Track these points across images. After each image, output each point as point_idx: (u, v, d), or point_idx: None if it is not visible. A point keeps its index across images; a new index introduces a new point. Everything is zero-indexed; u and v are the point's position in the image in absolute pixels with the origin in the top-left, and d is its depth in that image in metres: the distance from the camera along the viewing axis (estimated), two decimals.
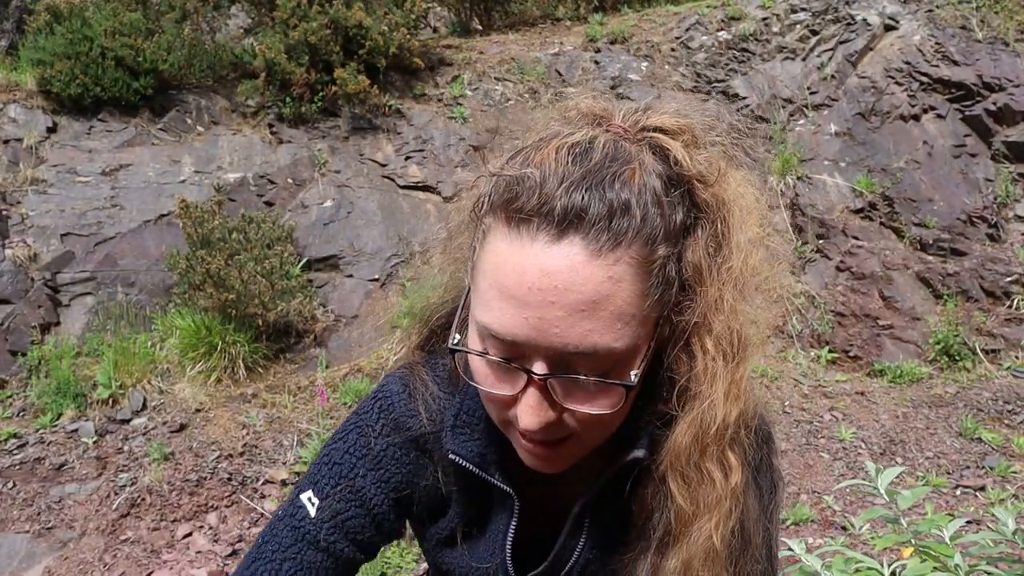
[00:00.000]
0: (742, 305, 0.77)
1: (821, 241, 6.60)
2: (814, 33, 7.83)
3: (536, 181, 0.72)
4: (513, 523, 0.91)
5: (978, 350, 5.80)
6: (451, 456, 0.88)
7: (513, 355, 0.73)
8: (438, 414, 0.92)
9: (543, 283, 0.69)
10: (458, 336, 0.80)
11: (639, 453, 0.84)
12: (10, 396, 5.20)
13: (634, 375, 0.73)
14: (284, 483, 4.64)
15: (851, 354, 5.96)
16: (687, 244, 0.76)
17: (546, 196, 0.71)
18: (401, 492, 0.94)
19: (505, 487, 0.89)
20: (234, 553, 4.21)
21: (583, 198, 0.70)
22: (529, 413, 0.73)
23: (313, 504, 0.91)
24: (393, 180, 6.84)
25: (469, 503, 0.94)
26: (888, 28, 7.76)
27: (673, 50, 7.87)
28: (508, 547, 0.92)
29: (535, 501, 0.93)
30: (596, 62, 7.76)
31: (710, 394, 0.76)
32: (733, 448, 0.80)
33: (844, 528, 4.13)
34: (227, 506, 4.51)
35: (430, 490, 0.95)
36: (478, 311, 0.75)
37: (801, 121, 7.29)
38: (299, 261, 5.99)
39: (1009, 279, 6.15)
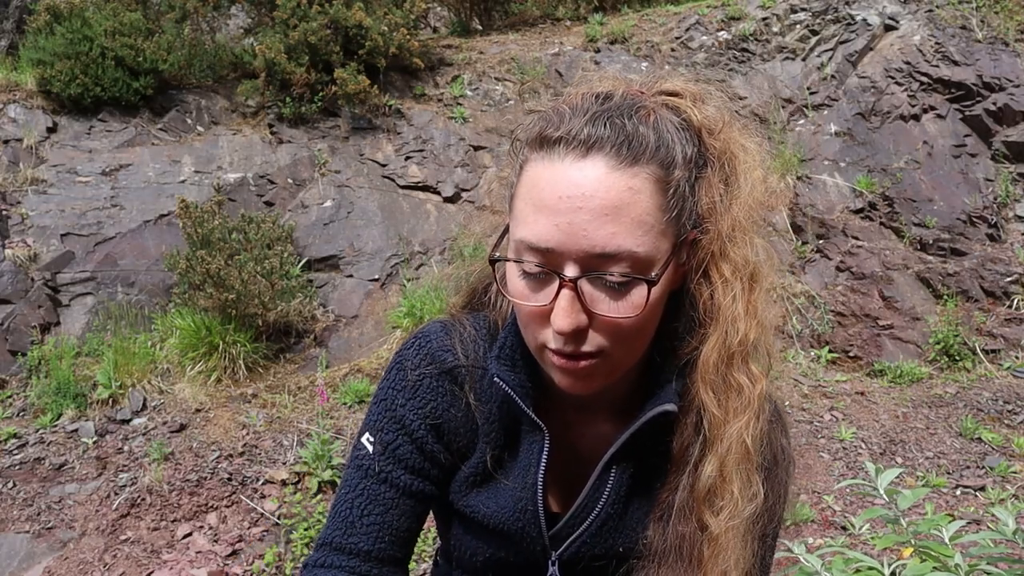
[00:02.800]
0: (751, 236, 0.89)
1: (821, 241, 6.60)
2: (814, 33, 7.83)
3: (565, 114, 0.86)
4: (544, 458, 0.96)
5: (978, 350, 5.80)
6: (495, 379, 0.94)
7: (547, 263, 0.82)
8: (473, 351, 1.00)
9: (572, 191, 0.80)
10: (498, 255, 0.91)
11: (669, 407, 0.90)
12: (10, 396, 5.20)
13: (655, 275, 0.82)
14: (284, 483, 4.64)
15: (851, 354, 5.96)
16: (700, 183, 0.87)
17: (573, 125, 0.84)
18: (437, 420, 1.00)
19: (538, 420, 0.95)
20: (234, 553, 4.21)
21: (605, 126, 0.84)
22: (562, 315, 0.81)
23: (370, 442, 1.01)
24: (393, 180, 6.84)
25: (500, 434, 1.00)
26: (888, 28, 7.76)
27: (673, 50, 7.87)
28: (540, 482, 0.96)
29: (564, 449, 0.99)
30: (596, 62, 7.75)
31: (732, 312, 0.87)
32: (755, 360, 0.90)
33: (844, 528, 4.13)
34: (227, 506, 4.51)
35: (462, 422, 1.01)
36: (516, 230, 0.86)
37: (801, 121, 7.29)
38: (299, 261, 5.99)
39: (1009, 279, 6.15)
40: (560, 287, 0.81)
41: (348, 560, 0.97)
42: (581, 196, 0.80)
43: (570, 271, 0.81)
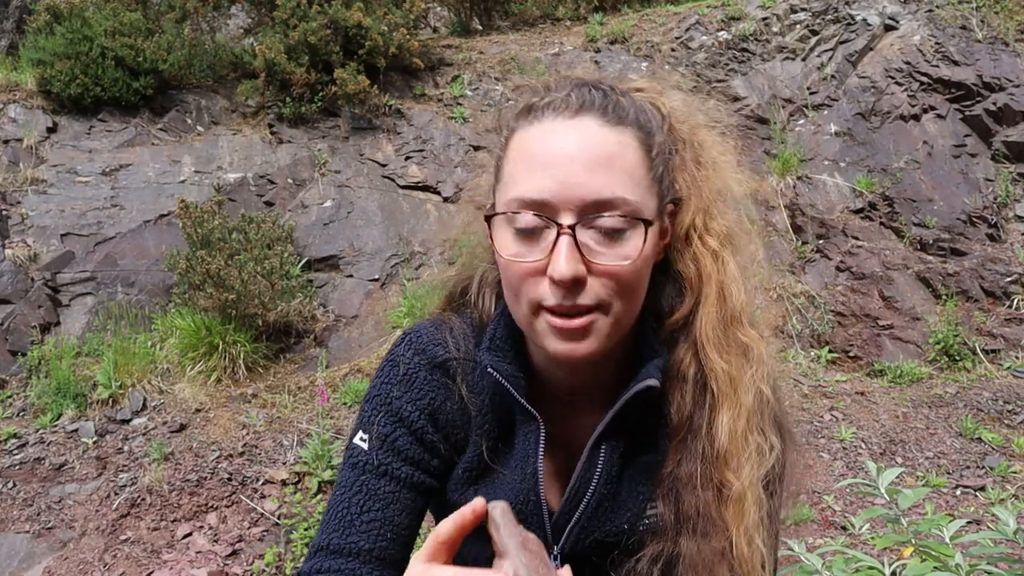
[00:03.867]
0: (724, 208, 0.96)
1: (821, 241, 6.60)
2: (814, 33, 7.83)
3: (550, 87, 0.93)
4: (541, 446, 0.95)
5: (978, 350, 5.80)
6: (488, 368, 0.95)
7: (543, 214, 0.84)
8: (464, 345, 1.02)
9: (566, 143, 0.85)
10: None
11: (652, 382, 0.91)
12: (10, 396, 5.20)
13: (649, 216, 0.86)
14: (284, 483, 4.64)
15: (851, 354, 5.96)
16: (673, 162, 0.94)
17: (560, 94, 0.90)
18: (434, 410, 1.00)
19: (532, 409, 0.95)
20: (234, 553, 4.21)
21: (590, 92, 0.90)
22: (561, 261, 0.82)
23: (364, 440, 1.00)
24: (393, 180, 6.84)
25: (494, 426, 1.00)
26: (888, 28, 7.76)
27: (673, 50, 7.87)
28: (539, 471, 0.95)
29: (557, 444, 0.99)
30: (596, 62, 7.75)
31: (723, 278, 0.93)
32: (753, 324, 0.95)
33: (844, 528, 4.13)
34: (227, 506, 4.51)
35: (457, 415, 1.01)
36: (508, 192, 0.88)
37: (801, 121, 7.29)
38: (299, 261, 5.99)
39: (1009, 279, 6.15)
40: (558, 236, 0.83)
41: (347, 563, 0.94)
42: (576, 146, 0.84)
43: (567, 219, 0.83)
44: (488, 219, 0.91)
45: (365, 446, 0.99)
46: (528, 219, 0.85)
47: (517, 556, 0.69)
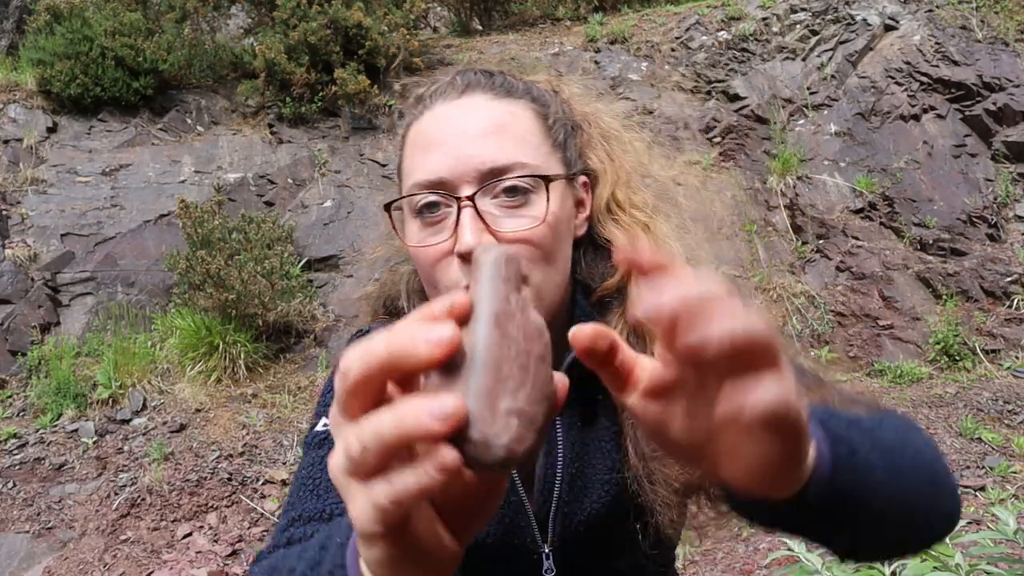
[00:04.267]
0: (637, 181, 0.99)
1: (821, 241, 6.60)
2: (814, 33, 7.83)
3: (435, 80, 0.94)
4: None
5: (978, 350, 5.80)
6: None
7: (442, 191, 0.84)
8: None
9: (454, 119, 0.86)
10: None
11: None
12: (10, 396, 5.20)
13: (550, 176, 0.86)
14: (284, 483, 4.64)
15: (851, 354, 5.96)
16: (578, 138, 0.96)
17: (445, 81, 0.92)
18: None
19: None
20: (234, 553, 4.21)
21: (475, 74, 0.92)
22: (466, 233, 0.81)
23: (326, 425, 0.95)
24: (393, 180, 6.84)
25: None
26: (888, 28, 7.76)
27: (673, 50, 7.87)
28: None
29: None
30: (596, 62, 7.75)
31: (654, 238, 0.95)
32: None
33: None
34: (227, 506, 4.51)
35: None
36: (407, 181, 0.88)
37: (801, 121, 7.28)
38: (299, 261, 5.99)
39: (1009, 279, 6.15)
40: (459, 210, 0.82)
41: (325, 526, 0.82)
42: (464, 120, 0.85)
43: (467, 191, 0.82)
44: (390, 213, 0.90)
45: (325, 429, 0.93)
46: (428, 200, 0.84)
47: (487, 331, 0.42)
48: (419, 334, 0.40)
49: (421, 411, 0.38)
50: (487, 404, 0.39)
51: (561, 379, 0.46)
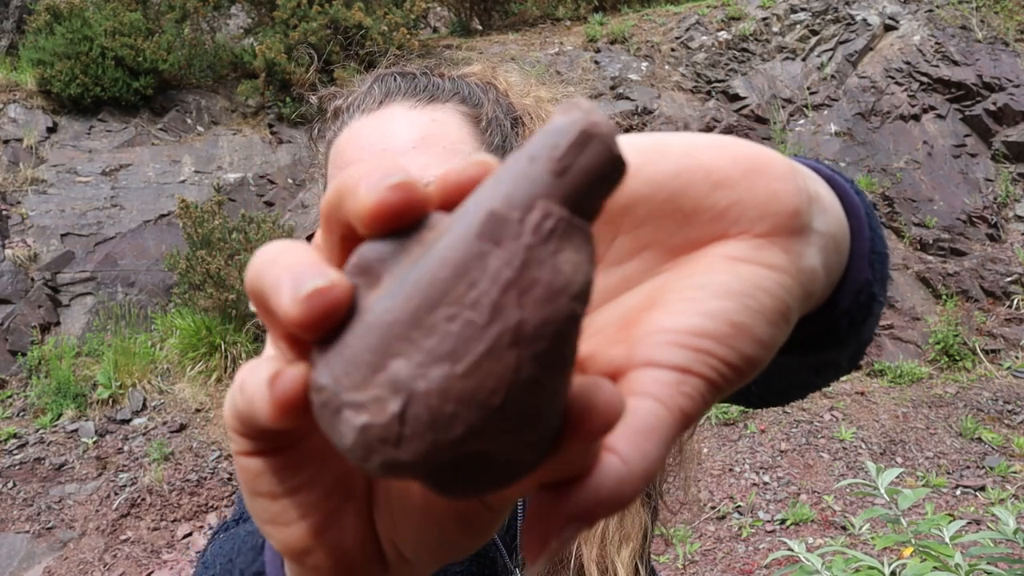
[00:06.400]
0: None
1: None
2: (814, 33, 7.83)
3: (352, 89, 0.86)
4: None
5: (978, 350, 5.80)
6: None
7: None
8: None
9: (373, 136, 0.78)
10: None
11: None
12: (10, 396, 5.20)
13: None
14: None
15: None
16: (523, 136, 0.86)
17: (361, 89, 0.84)
18: None
19: None
20: None
21: (395, 80, 0.83)
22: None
23: None
24: None
25: None
26: (888, 28, 7.77)
27: (673, 50, 7.87)
28: None
29: None
30: (596, 62, 7.75)
31: None
32: None
33: (844, 528, 4.13)
34: (227, 506, 4.51)
35: None
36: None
37: (801, 121, 7.29)
38: None
39: (1009, 279, 6.15)
40: None
41: None
42: (383, 137, 0.78)
43: None
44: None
45: None
46: None
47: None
48: (365, 177, 0.24)
49: (292, 265, 0.23)
50: (373, 347, 0.22)
51: (606, 402, 0.23)
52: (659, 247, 0.30)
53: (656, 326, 0.27)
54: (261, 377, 0.24)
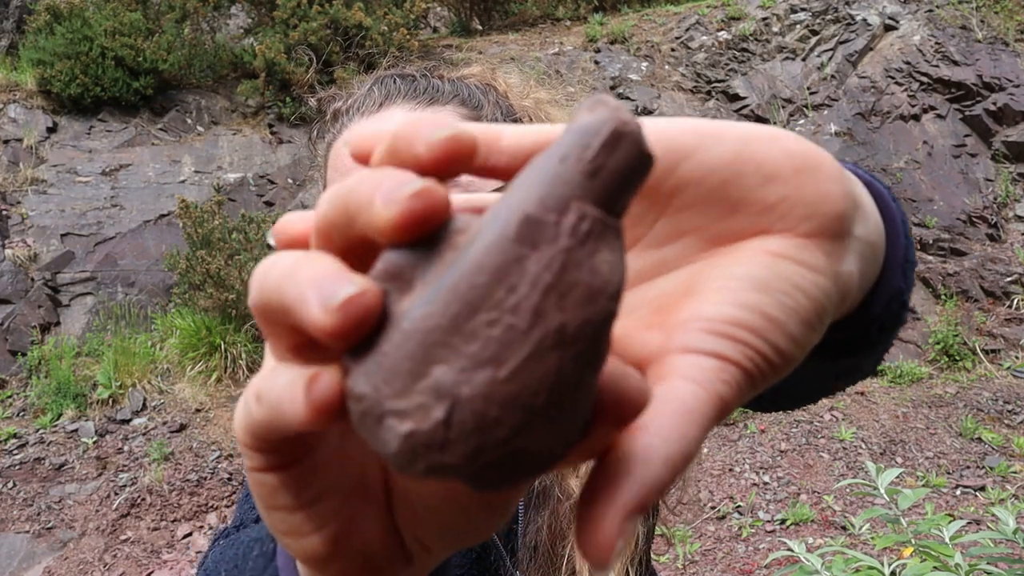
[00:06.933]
0: None
1: None
2: (814, 33, 7.83)
3: (351, 92, 0.85)
4: None
5: (978, 350, 5.80)
6: None
7: None
8: None
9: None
10: None
11: None
12: (10, 396, 5.20)
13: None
14: None
15: None
16: None
17: (361, 91, 0.84)
18: None
19: None
20: None
21: (395, 82, 0.83)
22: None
23: None
24: None
25: None
26: (888, 28, 7.77)
27: (673, 50, 7.87)
28: None
29: None
30: (596, 62, 7.75)
31: None
32: None
33: (844, 528, 4.13)
34: (227, 506, 4.51)
35: None
36: None
37: (801, 121, 7.29)
38: None
39: (1009, 279, 6.15)
40: None
41: None
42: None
43: None
44: None
45: None
46: None
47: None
48: (382, 185, 0.23)
49: (314, 275, 0.23)
50: (413, 354, 0.22)
51: (634, 391, 0.24)
52: (700, 234, 0.30)
53: (693, 313, 0.27)
54: (288, 382, 0.23)
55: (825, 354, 0.39)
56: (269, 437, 0.26)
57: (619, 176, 0.22)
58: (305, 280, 0.23)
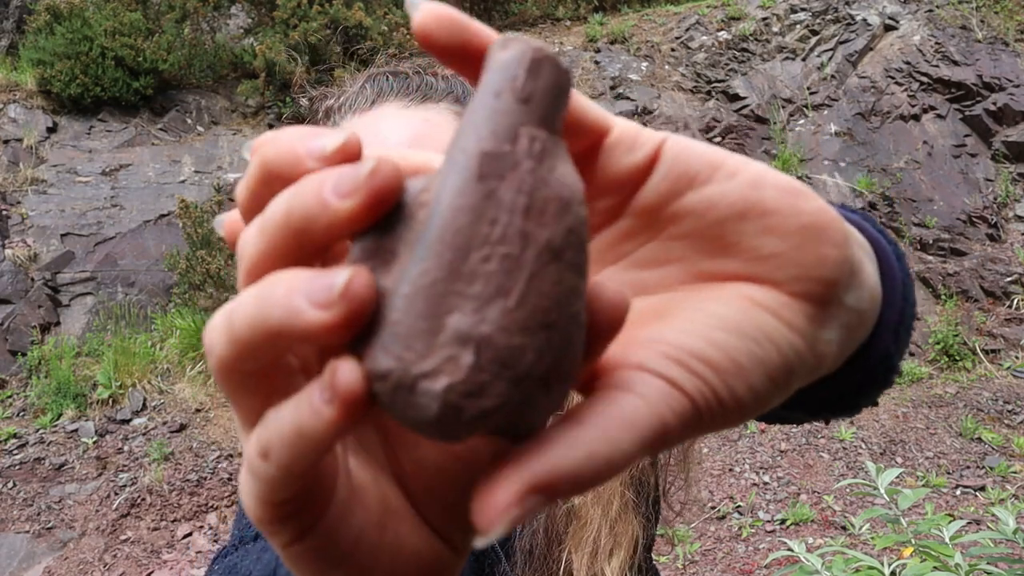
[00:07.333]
0: None
1: None
2: (814, 33, 7.83)
3: (343, 89, 0.84)
4: None
5: (978, 350, 5.80)
6: None
7: None
8: None
9: (364, 136, 0.77)
10: None
11: None
12: (10, 396, 5.20)
13: None
14: None
15: None
16: None
17: (353, 89, 0.82)
18: None
19: None
20: None
21: (387, 79, 0.81)
22: None
23: None
24: None
25: None
26: (888, 28, 7.77)
27: (673, 50, 7.87)
28: None
29: None
30: (596, 62, 7.75)
31: None
32: None
33: (844, 528, 4.13)
34: (227, 506, 4.51)
35: None
36: None
37: (801, 121, 7.29)
38: None
39: (1009, 279, 6.15)
40: None
41: None
42: (375, 137, 0.76)
43: None
44: None
45: None
46: None
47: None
48: (326, 184, 0.23)
49: (293, 286, 0.22)
50: (423, 312, 0.22)
51: (612, 297, 0.25)
52: (686, 266, 0.29)
53: (657, 335, 0.27)
54: (293, 409, 0.23)
55: (795, 407, 0.39)
56: (288, 492, 0.24)
57: (550, 95, 0.24)
58: (285, 295, 0.22)
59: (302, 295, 0.22)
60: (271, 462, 0.24)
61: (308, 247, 0.24)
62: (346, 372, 0.22)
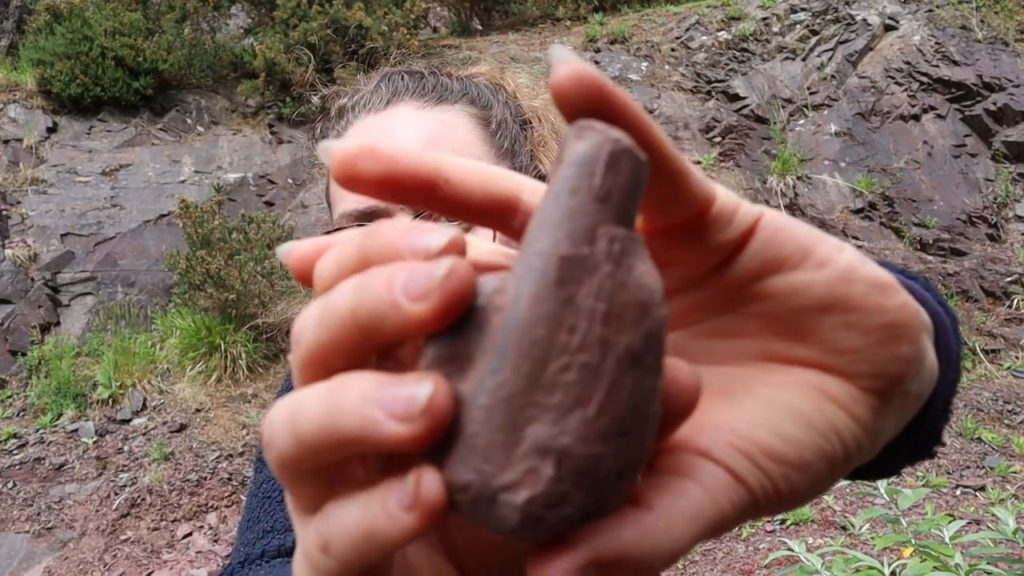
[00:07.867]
0: None
1: None
2: (814, 33, 7.83)
3: (357, 88, 0.84)
4: None
5: (978, 350, 5.80)
6: None
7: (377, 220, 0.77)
8: None
9: (380, 136, 0.75)
10: None
11: None
12: (10, 396, 5.20)
13: None
14: None
15: None
16: (530, 137, 0.84)
17: (368, 88, 0.82)
18: None
19: None
20: None
21: (403, 78, 0.81)
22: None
23: None
24: None
25: None
26: (888, 28, 7.77)
27: (673, 50, 7.87)
28: None
29: None
30: (596, 62, 7.75)
31: None
32: None
33: (844, 528, 4.13)
34: (227, 506, 4.51)
35: None
36: (335, 210, 0.78)
37: (801, 121, 7.29)
38: None
39: (1009, 279, 6.15)
40: None
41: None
42: (391, 138, 0.75)
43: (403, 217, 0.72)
44: None
45: None
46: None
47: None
48: (397, 282, 0.22)
49: (367, 395, 0.22)
50: (502, 425, 0.22)
51: (686, 381, 0.25)
52: (758, 345, 0.29)
53: (727, 422, 0.27)
54: (363, 510, 0.23)
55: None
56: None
57: (629, 191, 0.23)
58: (359, 404, 0.22)
59: (378, 406, 0.21)
60: (332, 557, 0.24)
61: (372, 345, 0.23)
62: (430, 482, 0.22)
